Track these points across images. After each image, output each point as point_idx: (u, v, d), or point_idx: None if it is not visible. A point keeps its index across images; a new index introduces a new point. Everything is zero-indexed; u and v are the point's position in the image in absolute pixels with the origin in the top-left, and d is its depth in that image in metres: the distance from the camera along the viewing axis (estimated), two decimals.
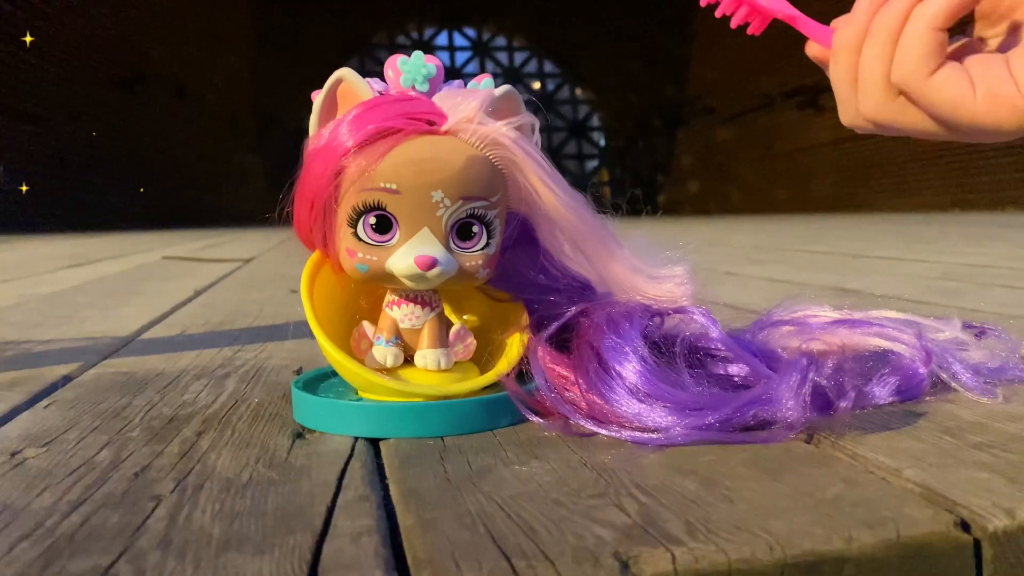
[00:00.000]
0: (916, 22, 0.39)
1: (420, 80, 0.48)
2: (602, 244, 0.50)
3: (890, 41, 0.40)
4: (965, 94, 0.39)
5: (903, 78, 0.40)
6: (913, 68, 0.39)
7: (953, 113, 0.39)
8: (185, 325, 0.95)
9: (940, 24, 0.39)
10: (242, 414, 0.52)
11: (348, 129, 0.46)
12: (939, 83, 0.39)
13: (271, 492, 0.37)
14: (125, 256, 2.59)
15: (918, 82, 0.39)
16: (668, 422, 0.43)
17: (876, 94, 0.41)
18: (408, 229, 0.46)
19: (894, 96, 0.41)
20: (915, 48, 0.39)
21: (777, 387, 0.42)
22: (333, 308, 0.52)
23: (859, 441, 0.42)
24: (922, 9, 0.39)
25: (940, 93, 0.39)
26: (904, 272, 1.44)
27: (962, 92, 0.39)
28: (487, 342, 0.52)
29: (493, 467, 0.40)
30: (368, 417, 0.46)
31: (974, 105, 0.39)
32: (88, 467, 0.41)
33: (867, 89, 0.42)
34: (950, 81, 0.39)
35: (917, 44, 0.39)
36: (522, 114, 0.49)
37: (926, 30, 0.39)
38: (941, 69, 0.39)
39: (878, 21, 0.41)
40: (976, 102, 0.39)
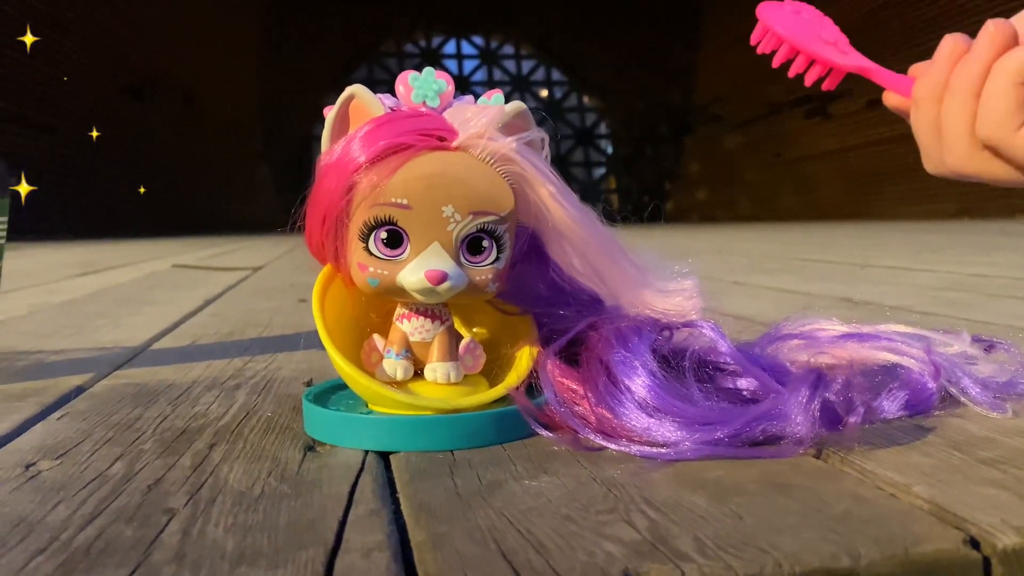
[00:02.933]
0: (999, 77, 0.38)
1: (431, 96, 0.49)
2: (611, 258, 0.50)
3: (972, 96, 0.39)
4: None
5: (989, 133, 0.39)
6: (999, 124, 0.38)
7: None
8: (195, 335, 0.96)
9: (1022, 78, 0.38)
10: (253, 426, 0.52)
11: (360, 145, 0.46)
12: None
13: (283, 506, 0.37)
14: (135, 264, 2.60)
15: (1005, 138, 0.38)
16: (677, 437, 0.43)
17: (961, 147, 0.40)
18: (419, 243, 0.46)
19: (979, 149, 0.40)
20: (1000, 104, 0.38)
21: (786, 402, 0.43)
22: (344, 321, 0.52)
23: (868, 456, 0.42)
24: (1004, 63, 0.39)
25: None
26: (912, 282, 1.44)
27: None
28: (497, 356, 0.52)
29: (503, 481, 0.40)
30: (378, 430, 0.46)
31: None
32: (102, 480, 0.42)
33: (951, 142, 0.41)
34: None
35: (1002, 100, 0.38)
36: (532, 130, 0.49)
37: (1010, 85, 0.38)
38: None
39: (958, 74, 0.40)
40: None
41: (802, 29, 0.45)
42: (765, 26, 0.46)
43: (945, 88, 0.40)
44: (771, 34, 0.46)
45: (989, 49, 0.39)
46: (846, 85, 0.47)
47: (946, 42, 0.41)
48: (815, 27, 0.45)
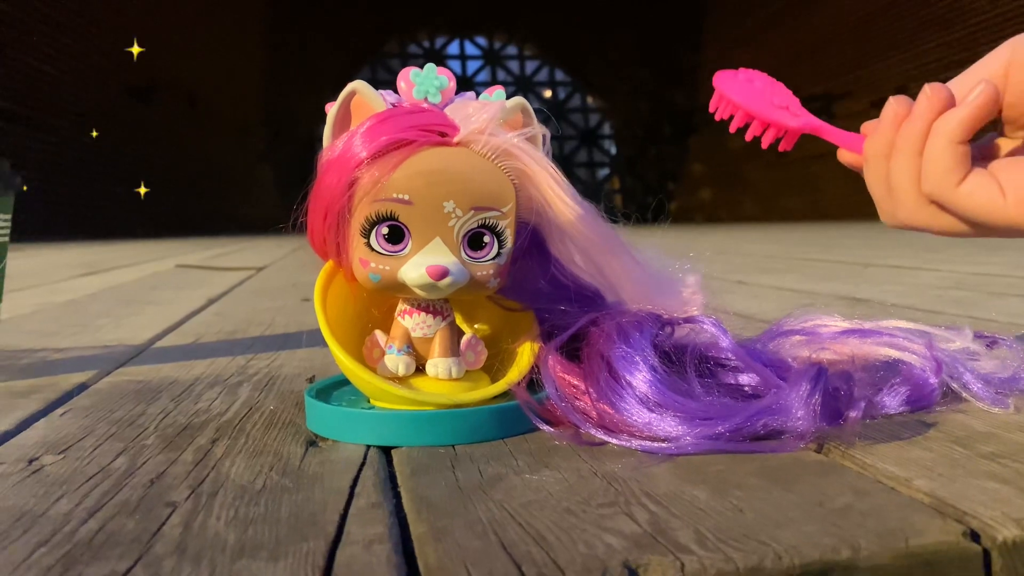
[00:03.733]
0: (937, 138, 0.41)
1: (432, 92, 0.49)
2: (612, 254, 0.50)
3: (915, 155, 0.42)
4: (995, 200, 0.40)
5: (932, 190, 0.41)
6: (940, 181, 0.41)
7: (986, 218, 0.40)
8: (199, 334, 0.96)
9: (960, 138, 0.40)
10: (256, 422, 0.52)
11: (361, 141, 0.46)
12: (968, 192, 0.40)
13: (284, 499, 0.37)
14: (138, 264, 2.61)
15: (947, 193, 0.40)
16: (678, 431, 0.43)
17: (909, 202, 0.43)
18: (420, 239, 0.46)
19: (926, 204, 0.42)
20: (939, 163, 0.40)
21: (787, 397, 0.43)
22: (346, 317, 0.52)
23: (869, 451, 0.42)
24: (941, 125, 0.41)
25: (970, 201, 0.40)
26: (915, 281, 1.44)
27: (992, 198, 0.40)
28: (498, 351, 0.52)
29: (504, 475, 0.40)
30: (380, 425, 0.46)
31: (1005, 210, 0.40)
32: (104, 474, 0.42)
33: (900, 198, 0.43)
34: (979, 189, 0.40)
35: (940, 159, 0.40)
36: (533, 125, 0.49)
37: (948, 144, 0.40)
38: (968, 178, 0.40)
39: (902, 135, 0.42)
40: (1007, 207, 0.40)
41: (755, 96, 0.47)
42: (721, 94, 0.49)
43: (891, 147, 0.43)
44: (727, 101, 0.49)
45: (928, 111, 0.41)
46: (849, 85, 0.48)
47: (890, 104, 0.44)
48: (768, 94, 0.48)
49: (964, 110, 0.40)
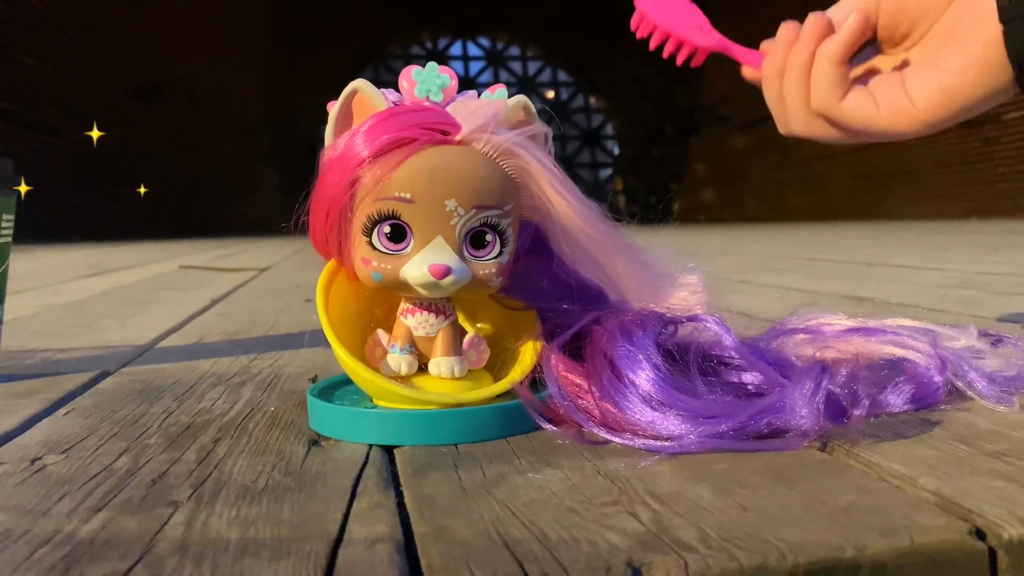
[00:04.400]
0: (821, 61, 0.48)
1: (434, 90, 0.49)
2: (615, 252, 0.50)
3: (803, 75, 0.49)
4: (871, 112, 0.48)
5: (818, 105, 0.49)
6: (825, 98, 0.48)
7: (864, 127, 0.48)
8: (202, 334, 0.96)
9: (839, 60, 0.48)
10: (258, 421, 0.52)
11: (363, 139, 0.46)
12: (849, 107, 0.48)
13: (287, 499, 0.37)
14: (142, 265, 2.61)
15: (831, 108, 0.48)
16: (681, 430, 0.43)
17: (800, 115, 0.50)
18: (422, 238, 0.46)
19: (815, 117, 0.50)
20: (824, 82, 0.48)
21: (790, 395, 0.42)
22: (348, 316, 0.52)
23: (873, 449, 0.42)
24: (823, 49, 0.48)
25: (850, 114, 0.48)
26: (920, 281, 1.44)
27: (868, 111, 0.48)
28: (500, 350, 0.52)
29: (507, 475, 0.40)
30: (382, 425, 0.46)
31: (879, 120, 0.48)
32: (107, 474, 0.42)
33: (792, 112, 0.50)
34: (858, 105, 0.48)
35: (824, 79, 0.48)
36: (535, 123, 0.49)
37: (830, 66, 0.48)
38: (849, 94, 0.48)
39: (791, 58, 0.49)
40: (881, 117, 0.47)
41: (672, 15, 0.53)
42: (641, 13, 0.54)
43: (784, 67, 0.50)
44: (646, 20, 0.54)
45: (811, 37, 0.48)
46: None
47: (782, 29, 0.50)
48: (683, 14, 0.53)
49: (840, 37, 0.47)
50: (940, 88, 0.46)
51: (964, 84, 0.45)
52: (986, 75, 0.45)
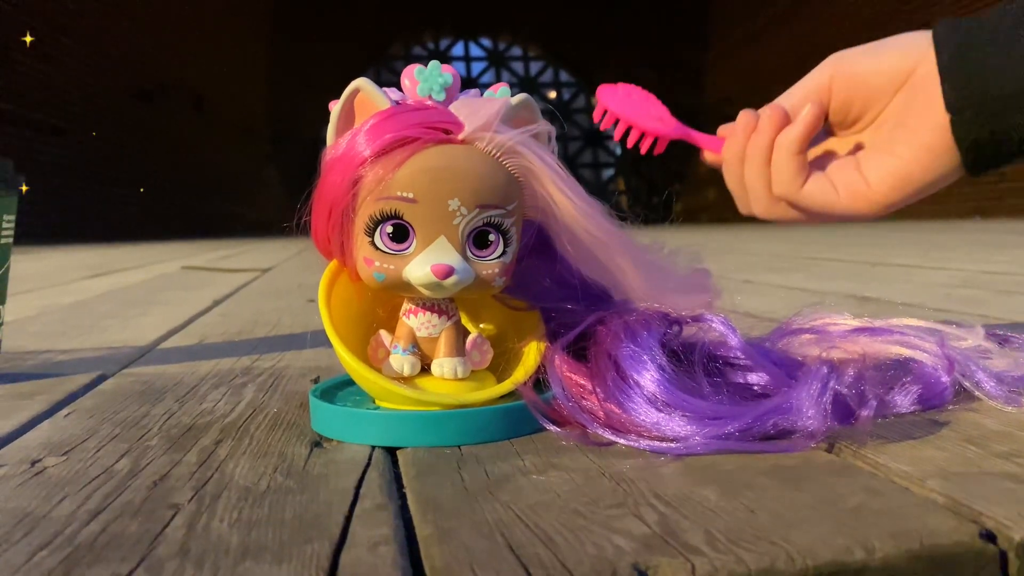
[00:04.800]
0: (780, 151, 0.50)
1: (437, 89, 0.48)
2: (619, 251, 0.49)
3: (764, 164, 0.51)
4: (832, 197, 0.50)
5: (781, 192, 0.51)
6: (787, 185, 0.50)
7: (826, 211, 0.50)
8: (204, 334, 0.96)
9: (798, 149, 0.50)
10: (260, 423, 0.52)
11: (365, 138, 0.46)
12: (810, 192, 0.50)
13: (289, 501, 0.37)
14: (144, 266, 2.61)
15: (793, 194, 0.50)
16: (687, 431, 0.43)
17: (763, 201, 0.52)
18: (425, 238, 0.46)
19: (776, 201, 0.52)
20: (785, 171, 0.50)
21: (797, 396, 0.42)
22: (350, 317, 0.52)
23: (881, 450, 0.42)
24: (782, 140, 0.50)
25: (812, 199, 0.50)
26: (924, 280, 1.43)
27: (829, 196, 0.50)
28: (504, 351, 0.52)
29: (511, 476, 0.40)
30: (385, 426, 0.46)
31: (839, 204, 0.50)
32: (107, 476, 0.41)
33: (755, 197, 0.52)
34: (819, 190, 0.50)
35: (786, 168, 0.50)
36: (538, 122, 0.49)
37: (789, 156, 0.50)
38: (809, 180, 0.50)
39: (751, 147, 0.51)
40: (841, 201, 0.50)
41: (634, 107, 0.55)
42: (603, 106, 0.55)
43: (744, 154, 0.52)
44: (610, 113, 0.55)
45: (769, 128, 0.51)
46: None
47: (741, 117, 0.52)
48: (644, 105, 0.55)
49: (798, 127, 0.49)
50: (894, 173, 0.48)
51: (916, 169, 0.48)
52: (936, 160, 0.48)
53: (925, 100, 0.47)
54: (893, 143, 0.49)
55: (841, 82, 0.50)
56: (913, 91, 0.48)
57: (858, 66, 0.50)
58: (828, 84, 0.51)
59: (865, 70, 0.50)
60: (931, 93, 0.47)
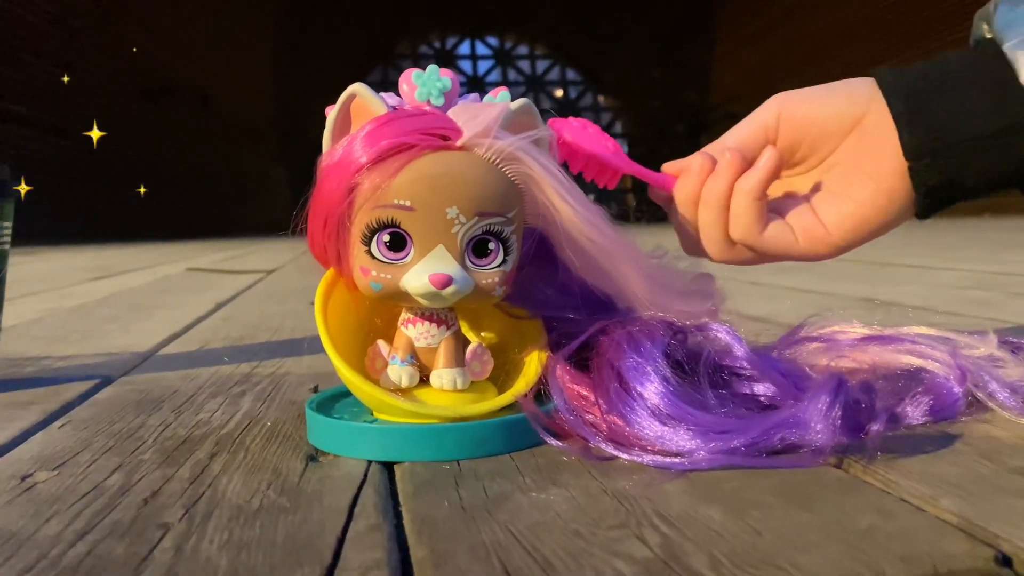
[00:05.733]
0: (741, 197, 0.49)
1: (435, 94, 0.47)
2: (623, 259, 0.48)
3: (722, 209, 0.50)
4: (791, 241, 0.50)
5: (741, 237, 0.50)
6: (747, 231, 0.49)
7: (785, 254, 0.51)
8: (205, 339, 0.95)
9: (758, 195, 0.49)
10: (256, 435, 0.51)
11: (361, 145, 0.45)
12: (769, 237, 0.50)
13: (281, 520, 0.36)
14: (149, 268, 2.61)
15: (753, 240, 0.50)
16: (692, 446, 0.42)
17: (717, 245, 0.51)
18: (423, 246, 0.45)
19: (732, 244, 0.51)
20: (746, 217, 0.49)
21: (805, 409, 0.41)
22: (348, 326, 0.51)
23: (892, 466, 0.40)
24: (744, 185, 0.49)
25: (771, 243, 0.50)
26: (934, 281, 1.41)
27: (788, 240, 0.50)
28: (504, 361, 0.51)
29: (510, 494, 0.38)
30: (381, 441, 0.45)
31: (798, 247, 0.50)
32: (97, 492, 0.41)
33: (708, 239, 0.51)
34: (777, 234, 0.50)
35: (747, 214, 0.49)
36: (539, 127, 0.48)
37: (751, 202, 0.49)
38: (769, 225, 0.49)
39: (708, 191, 0.50)
40: (799, 244, 0.50)
41: (592, 141, 0.53)
42: (563, 140, 0.53)
43: (698, 196, 0.51)
44: (568, 146, 0.53)
45: (728, 172, 0.49)
46: None
47: (695, 159, 0.51)
48: (600, 139, 0.53)
49: (760, 173, 0.48)
50: (852, 217, 0.49)
51: (873, 213, 0.49)
52: (892, 205, 0.49)
53: (879, 146, 0.48)
54: (849, 188, 0.49)
55: (788, 124, 0.50)
56: (864, 137, 0.49)
57: (806, 109, 0.50)
58: (775, 125, 0.51)
59: (814, 113, 0.50)
60: (884, 140, 0.48)
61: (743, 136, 0.51)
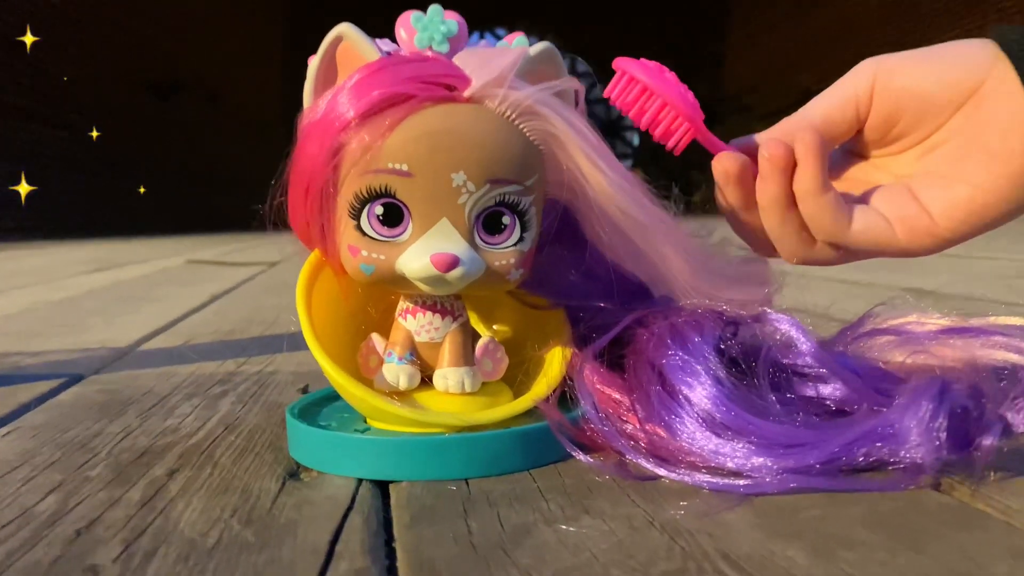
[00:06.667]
0: (806, 201, 0.40)
1: (438, 39, 0.39)
2: (663, 238, 0.40)
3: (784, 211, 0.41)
4: (886, 234, 0.41)
5: (828, 238, 0.41)
6: (832, 230, 0.41)
7: (880, 250, 0.41)
8: (192, 334, 0.87)
9: (821, 190, 0.40)
10: (229, 444, 0.43)
11: (348, 97, 0.37)
12: (860, 231, 0.41)
13: (241, 562, 0.28)
14: (149, 261, 2.54)
15: (842, 237, 0.41)
16: (754, 463, 0.34)
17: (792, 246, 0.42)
18: (423, 221, 0.37)
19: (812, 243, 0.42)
20: (822, 219, 0.40)
21: (901, 419, 0.33)
22: (337, 318, 0.43)
23: (1007, 489, 0.33)
24: (800, 187, 0.40)
25: (863, 238, 0.41)
26: (974, 271, 1.33)
27: (883, 233, 0.41)
28: (522, 359, 0.43)
29: (532, 526, 0.31)
30: (374, 455, 0.37)
31: (897, 241, 0.41)
32: (23, 521, 0.33)
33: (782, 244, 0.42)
34: (869, 228, 0.41)
35: (821, 215, 0.40)
36: (563, 77, 0.40)
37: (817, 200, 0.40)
38: (855, 217, 0.41)
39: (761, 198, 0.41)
40: (898, 238, 0.41)
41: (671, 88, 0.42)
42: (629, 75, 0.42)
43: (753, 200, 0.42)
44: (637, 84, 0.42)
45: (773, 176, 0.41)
46: None
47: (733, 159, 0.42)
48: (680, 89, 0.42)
49: (807, 172, 0.40)
50: (967, 203, 0.40)
51: (994, 199, 0.40)
52: (1020, 190, 0.39)
53: (1003, 121, 0.39)
54: (963, 169, 0.40)
55: (885, 94, 0.41)
56: (983, 109, 0.40)
57: (909, 77, 0.41)
58: (868, 95, 0.42)
59: (919, 82, 0.41)
60: (1011, 113, 0.39)
61: (828, 108, 0.42)
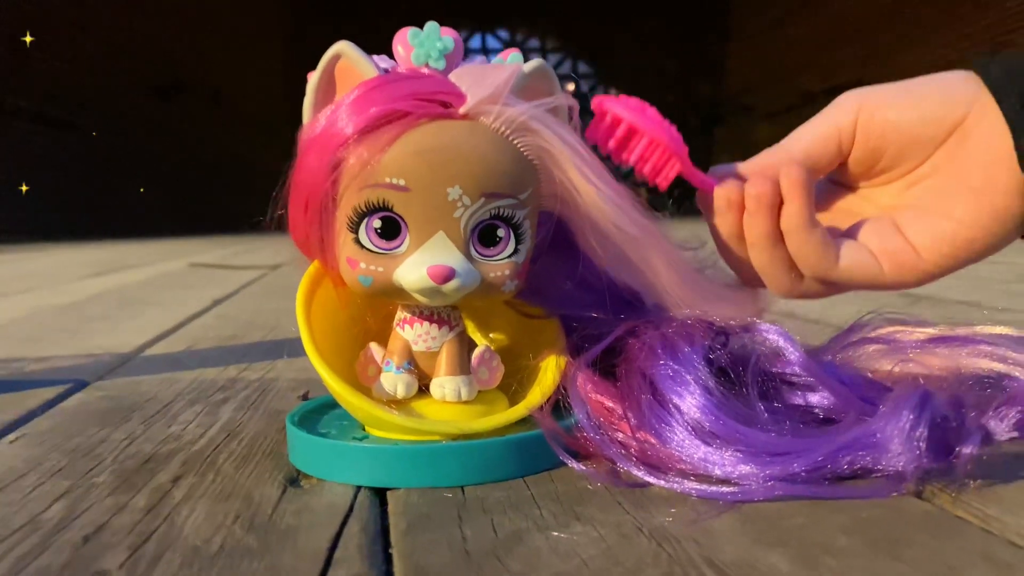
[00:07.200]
0: (792, 236, 0.41)
1: (435, 56, 0.40)
2: (654, 249, 0.41)
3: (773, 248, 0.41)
4: (873, 270, 0.41)
5: (815, 274, 0.42)
6: (819, 265, 0.41)
7: (867, 284, 0.42)
8: (194, 339, 0.88)
9: (808, 225, 0.40)
10: (231, 452, 0.44)
11: (347, 113, 0.38)
12: (847, 268, 0.41)
13: (243, 568, 0.29)
14: (152, 264, 2.55)
15: (830, 272, 0.41)
16: (742, 471, 0.35)
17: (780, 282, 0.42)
18: (419, 234, 0.38)
19: (799, 279, 0.42)
20: (809, 254, 0.41)
21: (883, 428, 0.34)
22: (336, 328, 0.44)
23: (987, 496, 0.33)
24: (787, 223, 0.41)
25: (851, 274, 0.41)
26: (972, 275, 1.33)
27: (870, 269, 0.41)
28: (517, 368, 0.43)
29: (524, 533, 0.32)
30: (372, 463, 0.38)
31: (883, 276, 0.41)
32: (32, 527, 0.34)
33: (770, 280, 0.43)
34: (857, 264, 0.41)
35: (808, 250, 0.41)
36: (557, 94, 0.41)
37: (805, 235, 0.40)
38: (842, 253, 0.41)
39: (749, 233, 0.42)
40: (884, 273, 0.41)
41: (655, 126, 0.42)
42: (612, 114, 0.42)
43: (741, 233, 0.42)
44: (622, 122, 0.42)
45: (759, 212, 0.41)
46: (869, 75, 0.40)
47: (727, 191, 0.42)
48: (663, 125, 0.42)
49: (795, 203, 0.40)
50: (951, 238, 0.40)
51: (978, 234, 0.40)
52: (1000, 225, 0.40)
53: (986, 156, 0.39)
54: (946, 204, 0.41)
55: (868, 129, 0.41)
56: (967, 144, 0.40)
57: (890, 112, 0.41)
58: (851, 129, 0.42)
59: (900, 117, 0.41)
60: (993, 148, 0.39)
61: (811, 142, 0.42)
